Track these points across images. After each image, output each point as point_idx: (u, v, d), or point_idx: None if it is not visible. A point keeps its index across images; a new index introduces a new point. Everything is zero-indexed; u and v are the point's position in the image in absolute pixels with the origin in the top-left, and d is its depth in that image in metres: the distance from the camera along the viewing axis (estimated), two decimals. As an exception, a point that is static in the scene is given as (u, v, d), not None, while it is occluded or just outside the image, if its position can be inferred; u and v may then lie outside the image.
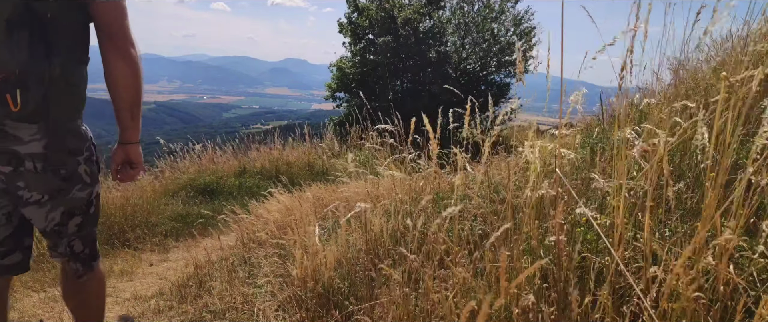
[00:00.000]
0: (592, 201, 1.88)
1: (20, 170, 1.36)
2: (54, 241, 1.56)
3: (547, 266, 1.47)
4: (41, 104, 1.30)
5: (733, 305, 1.12)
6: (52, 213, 1.47)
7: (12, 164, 1.35)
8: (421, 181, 2.67)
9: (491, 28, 14.09)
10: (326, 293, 2.18)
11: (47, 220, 1.48)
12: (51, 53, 1.29)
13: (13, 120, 1.31)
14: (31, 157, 1.36)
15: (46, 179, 1.41)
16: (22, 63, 1.23)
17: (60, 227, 1.51)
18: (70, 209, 1.51)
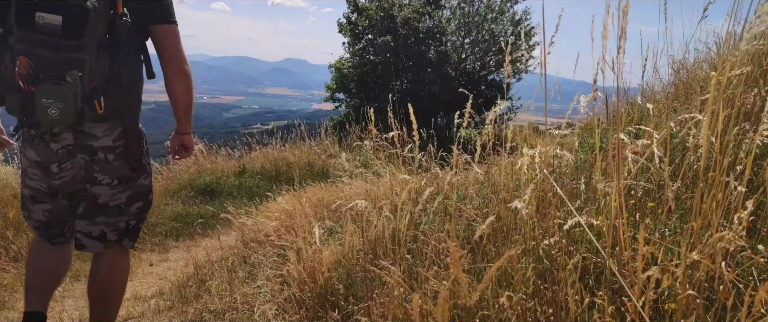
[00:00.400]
0: (591, 202, 1.88)
1: (96, 158, 1.73)
2: (111, 215, 1.84)
3: (544, 267, 1.47)
4: (115, 108, 1.66)
5: (731, 305, 1.12)
6: (120, 194, 1.82)
7: (88, 155, 1.72)
8: (422, 180, 2.67)
9: (491, 28, 14.09)
10: (325, 293, 2.18)
11: (114, 198, 1.81)
12: (123, 68, 1.65)
13: (91, 121, 1.65)
14: (103, 150, 1.72)
15: (117, 167, 1.77)
16: (105, 74, 1.58)
17: (124, 206, 1.84)
18: (136, 194, 1.86)
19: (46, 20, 1.42)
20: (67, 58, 1.47)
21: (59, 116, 1.47)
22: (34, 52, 1.44)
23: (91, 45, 1.50)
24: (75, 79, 1.47)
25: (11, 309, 3.07)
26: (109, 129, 1.71)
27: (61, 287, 3.39)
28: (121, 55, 1.63)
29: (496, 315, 1.42)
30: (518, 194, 1.76)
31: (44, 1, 1.42)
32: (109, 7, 1.55)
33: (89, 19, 1.46)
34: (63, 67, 1.46)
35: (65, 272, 2.04)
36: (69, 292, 3.36)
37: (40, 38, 1.44)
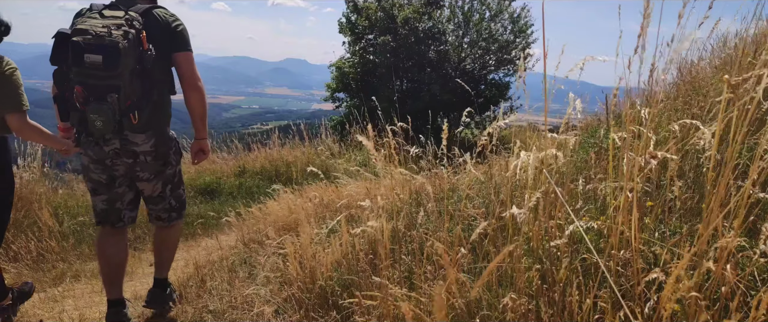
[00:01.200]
0: (592, 202, 1.88)
1: (138, 160, 2.26)
2: (157, 203, 2.47)
3: (546, 268, 1.47)
4: (148, 120, 2.16)
5: (733, 306, 1.12)
6: (157, 185, 2.39)
7: (132, 158, 2.24)
8: (423, 180, 2.67)
9: (489, 27, 14.06)
10: (325, 293, 2.18)
11: (154, 189, 2.40)
12: (152, 88, 2.15)
13: (131, 132, 2.17)
14: (143, 154, 2.25)
15: (154, 166, 2.31)
16: (138, 94, 2.08)
17: (162, 192, 2.43)
18: (166, 181, 2.42)
19: (91, 59, 1.91)
20: (107, 85, 1.98)
21: (103, 126, 2.00)
22: (85, 82, 1.98)
23: (124, 73, 1.98)
24: (113, 100, 1.98)
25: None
26: (147, 138, 2.23)
27: (61, 287, 3.39)
28: (151, 78, 2.12)
29: (496, 316, 1.42)
30: (518, 194, 1.76)
31: (89, 44, 1.90)
32: (138, 44, 2.01)
33: (122, 56, 1.94)
34: (105, 91, 1.98)
35: (126, 258, 2.52)
36: (69, 292, 3.36)
37: (88, 72, 1.94)
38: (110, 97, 1.98)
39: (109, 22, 1.98)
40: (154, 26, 2.13)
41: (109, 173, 2.27)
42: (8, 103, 2.21)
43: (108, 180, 2.29)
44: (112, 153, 2.22)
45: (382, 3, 13.67)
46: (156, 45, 2.10)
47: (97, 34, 1.92)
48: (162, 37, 2.14)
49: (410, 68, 13.92)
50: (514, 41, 14.21)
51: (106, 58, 1.91)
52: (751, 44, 2.57)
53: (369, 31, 14.28)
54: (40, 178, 4.92)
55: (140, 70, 2.05)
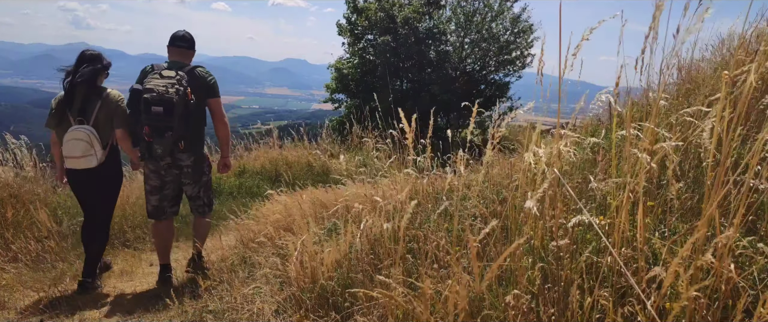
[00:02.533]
0: (591, 201, 1.88)
1: (183, 171, 3.21)
2: (195, 201, 3.41)
3: (547, 267, 1.47)
4: (189, 145, 3.09)
5: (733, 303, 1.12)
6: (195, 188, 3.33)
7: (179, 170, 3.19)
8: (424, 180, 2.67)
9: (490, 28, 14.05)
10: (325, 293, 2.18)
11: (193, 191, 3.34)
12: (191, 123, 3.02)
13: (179, 153, 3.10)
14: (186, 167, 3.20)
15: (193, 175, 3.24)
16: (184, 130, 2.99)
17: (198, 193, 3.37)
18: (201, 186, 3.35)
19: (155, 110, 2.84)
20: (165, 126, 2.90)
21: (162, 152, 3.00)
22: (151, 123, 2.88)
23: (176, 117, 2.90)
24: (169, 136, 2.94)
25: (11, 309, 3.07)
26: (189, 157, 3.18)
27: (61, 287, 3.39)
28: (192, 117, 3.02)
29: (497, 316, 1.41)
30: (518, 194, 1.76)
31: (154, 100, 2.83)
32: (185, 96, 2.93)
33: (175, 106, 2.88)
34: (164, 130, 2.92)
35: (172, 238, 3.51)
36: (69, 292, 3.35)
37: (154, 117, 2.86)
38: (167, 134, 2.92)
39: (166, 81, 2.88)
40: (195, 82, 3.05)
41: (161, 180, 3.23)
42: (120, 122, 3.10)
43: (160, 185, 3.24)
44: (165, 166, 3.17)
45: (382, 3, 13.66)
46: (196, 94, 3.03)
47: (159, 92, 2.84)
48: (200, 89, 3.09)
49: (410, 68, 13.91)
50: (514, 41, 14.20)
51: (165, 109, 2.85)
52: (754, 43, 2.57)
53: (369, 32, 14.28)
54: (39, 178, 4.92)
55: (186, 113, 2.96)
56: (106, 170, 3.08)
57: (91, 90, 2.98)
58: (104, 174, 3.09)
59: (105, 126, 3.04)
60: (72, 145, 2.90)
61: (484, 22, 14.11)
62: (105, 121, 3.04)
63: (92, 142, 2.91)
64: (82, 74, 2.95)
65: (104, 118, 3.03)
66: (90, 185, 3.12)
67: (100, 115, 3.01)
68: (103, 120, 3.03)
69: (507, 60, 14.10)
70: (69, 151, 2.91)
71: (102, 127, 3.03)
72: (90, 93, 2.98)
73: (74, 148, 2.89)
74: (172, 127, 2.88)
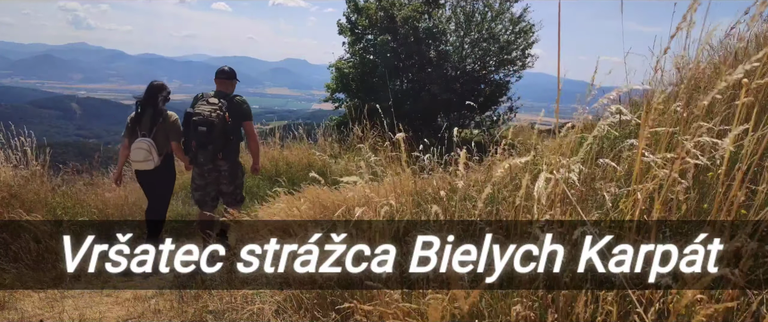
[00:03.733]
0: (599, 206, 1.87)
1: (221, 175, 4.00)
2: (228, 197, 4.10)
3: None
4: (226, 155, 3.89)
5: (739, 306, 1.11)
6: (230, 187, 4.06)
7: (218, 173, 3.99)
8: (424, 181, 2.66)
9: (490, 28, 14.01)
10: (324, 293, 2.17)
11: (228, 189, 4.06)
12: (229, 139, 3.85)
13: (218, 161, 3.90)
14: (224, 171, 3.99)
15: (229, 178, 4.02)
16: (223, 144, 3.83)
17: (232, 191, 4.08)
18: (235, 186, 4.09)
19: (200, 129, 3.68)
20: (207, 141, 3.73)
21: (204, 161, 3.87)
22: (197, 139, 3.74)
23: (216, 135, 3.72)
24: (210, 149, 3.78)
25: (11, 309, 3.06)
26: (226, 164, 3.96)
27: (61, 287, 3.39)
28: (230, 135, 3.83)
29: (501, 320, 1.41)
30: (529, 201, 1.75)
31: (200, 121, 3.68)
32: (224, 119, 3.72)
33: (216, 126, 3.69)
34: (207, 144, 3.75)
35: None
36: (69, 292, 3.35)
37: (199, 135, 3.70)
38: (209, 147, 3.79)
39: (210, 108, 3.74)
40: (233, 108, 3.86)
41: (205, 180, 4.06)
42: (174, 137, 3.96)
43: (204, 184, 4.07)
44: (207, 170, 4.00)
45: (382, 2, 13.64)
46: (233, 117, 3.82)
47: (204, 116, 3.71)
48: (237, 114, 3.87)
49: (410, 68, 13.89)
50: (514, 42, 14.16)
51: (208, 129, 3.70)
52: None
53: (369, 31, 14.25)
54: (39, 178, 4.92)
55: (224, 131, 3.77)
56: (161, 171, 3.97)
57: (155, 112, 3.89)
58: (160, 174, 3.99)
59: (162, 139, 3.92)
60: (136, 152, 3.81)
61: (484, 21, 14.08)
62: (162, 136, 3.92)
63: (151, 151, 3.80)
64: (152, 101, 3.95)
65: (162, 134, 3.91)
66: (150, 181, 4.06)
67: (159, 131, 3.89)
68: (161, 135, 3.91)
69: (507, 60, 14.06)
70: (134, 157, 3.83)
71: (160, 140, 3.90)
72: (154, 114, 3.88)
73: (138, 155, 3.79)
74: (212, 142, 3.76)
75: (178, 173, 7.50)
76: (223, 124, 3.69)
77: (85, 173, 6.08)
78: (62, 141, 51.25)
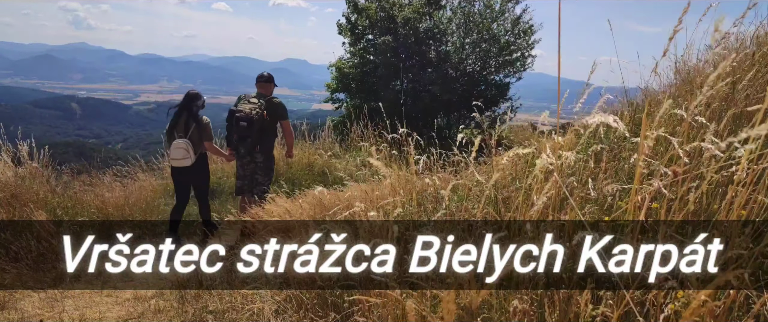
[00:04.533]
0: (596, 204, 1.87)
1: (257, 166, 4.59)
2: (260, 185, 4.58)
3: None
4: (263, 149, 4.50)
5: (740, 306, 1.11)
6: (263, 178, 4.62)
7: (254, 164, 4.58)
8: (424, 181, 2.66)
9: (491, 28, 14.00)
10: (325, 293, 2.17)
11: (263, 179, 4.61)
12: (264, 134, 4.46)
13: (255, 153, 4.52)
14: (259, 163, 4.57)
15: (264, 169, 4.60)
16: (259, 138, 4.44)
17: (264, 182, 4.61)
18: (268, 178, 4.66)
19: (241, 124, 4.30)
20: (247, 135, 4.34)
21: (244, 153, 4.51)
22: (239, 133, 4.34)
23: (254, 130, 4.33)
24: (249, 142, 4.39)
25: (11, 309, 3.06)
26: (262, 156, 4.49)
27: (61, 287, 3.39)
28: (266, 130, 4.43)
29: (498, 318, 1.41)
30: (523, 198, 1.75)
31: (242, 117, 4.29)
32: (262, 116, 4.31)
33: (255, 122, 4.30)
34: (246, 137, 4.36)
35: (248, 205, 4.45)
36: (69, 292, 3.35)
37: (240, 129, 4.31)
38: (248, 140, 4.37)
39: (251, 106, 4.37)
40: (270, 107, 4.45)
41: (244, 169, 4.61)
42: (207, 137, 4.45)
43: (243, 173, 4.63)
44: (246, 161, 4.57)
45: (382, 3, 13.64)
46: (270, 115, 4.42)
47: (245, 113, 4.31)
48: (273, 113, 4.47)
49: (410, 68, 13.89)
50: (515, 42, 14.16)
51: (247, 124, 4.29)
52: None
53: (369, 31, 14.26)
54: (39, 177, 4.92)
55: (261, 127, 4.36)
56: (196, 168, 4.45)
57: (190, 117, 4.40)
58: (195, 171, 4.47)
59: (197, 140, 4.41)
60: (176, 151, 4.31)
61: (484, 22, 14.07)
62: (197, 137, 4.42)
63: (188, 149, 4.30)
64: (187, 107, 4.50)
65: (197, 136, 4.41)
66: (186, 177, 4.56)
67: (194, 133, 4.39)
68: (196, 137, 4.41)
69: (507, 61, 14.06)
70: (174, 155, 4.34)
71: (195, 141, 4.39)
72: (188, 119, 4.39)
73: (177, 153, 4.32)
74: (251, 136, 4.33)
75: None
76: (261, 120, 4.31)
77: (85, 173, 6.08)
78: (62, 141, 51.19)
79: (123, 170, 6.39)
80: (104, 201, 4.94)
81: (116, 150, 48.96)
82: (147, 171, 6.77)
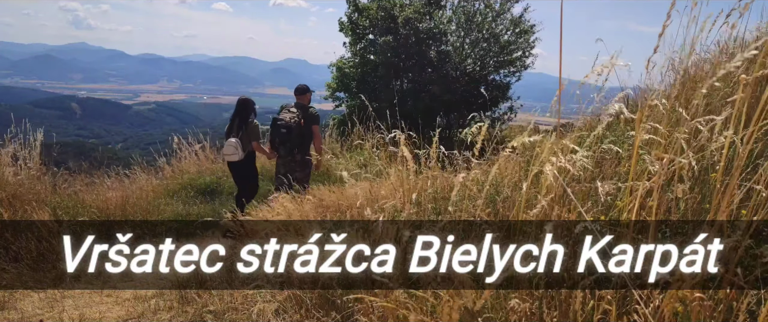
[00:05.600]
0: (596, 204, 1.87)
1: (296, 165, 5.09)
2: (299, 182, 4.70)
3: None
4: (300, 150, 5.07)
5: (737, 305, 1.11)
6: (302, 174, 5.06)
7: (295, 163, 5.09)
8: (426, 181, 2.66)
9: (491, 28, 13.99)
10: (325, 293, 2.17)
11: (301, 176, 5.01)
12: (304, 138, 5.10)
13: (295, 154, 5.08)
14: (297, 162, 5.10)
15: (301, 167, 5.11)
16: (298, 142, 5.06)
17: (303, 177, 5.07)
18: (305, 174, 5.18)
19: (281, 131, 4.97)
20: (286, 139, 4.98)
21: (285, 154, 5.06)
22: (281, 138, 5.00)
23: (293, 135, 4.96)
24: (288, 145, 5.01)
25: (11, 309, 3.06)
26: (299, 156, 5.02)
27: (61, 287, 3.40)
28: (303, 135, 5.03)
29: (499, 318, 1.41)
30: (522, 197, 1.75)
31: (282, 125, 4.95)
32: (298, 124, 4.96)
33: (293, 129, 4.96)
34: (286, 141, 4.99)
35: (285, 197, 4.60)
36: (69, 292, 3.36)
37: (281, 135, 4.98)
38: (287, 144, 4.96)
39: (290, 115, 4.97)
40: (306, 114, 5.06)
41: (285, 169, 5.02)
42: (254, 137, 5.15)
43: (284, 171, 4.97)
44: (287, 161, 5.07)
45: (382, 3, 13.64)
46: (305, 122, 5.02)
47: (285, 121, 4.92)
48: (308, 120, 5.06)
49: (411, 68, 13.89)
50: (515, 42, 14.14)
51: (287, 131, 4.91)
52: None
53: (370, 31, 14.26)
54: (39, 177, 4.92)
55: (299, 133, 4.97)
56: (245, 163, 5.24)
57: (242, 121, 5.18)
58: (243, 165, 5.25)
59: (245, 141, 5.15)
60: (227, 148, 5.11)
61: (484, 22, 14.06)
62: (246, 138, 5.16)
63: (237, 147, 5.06)
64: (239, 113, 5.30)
65: (246, 136, 5.17)
66: (237, 170, 5.31)
67: (243, 134, 5.16)
68: (245, 137, 5.16)
69: (508, 60, 14.05)
70: (226, 151, 5.14)
71: (244, 141, 5.14)
72: (241, 123, 5.18)
73: (228, 149, 5.09)
74: (290, 140, 5.01)
75: (179, 175, 7.52)
76: (298, 127, 5.03)
77: (85, 173, 6.09)
78: (62, 141, 51.03)
79: (123, 171, 6.41)
80: (105, 201, 4.94)
81: (116, 150, 48.93)
82: (147, 171, 6.78)
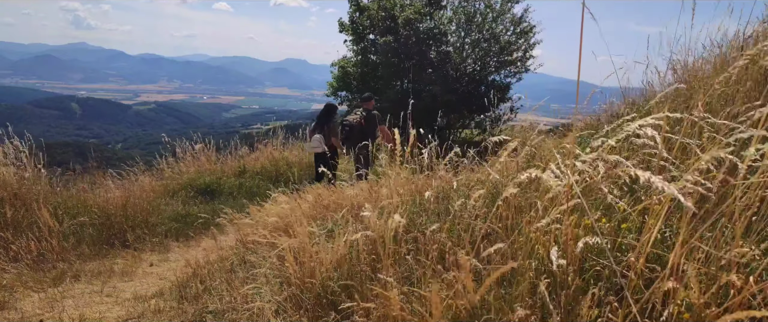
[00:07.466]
0: (596, 207, 1.87)
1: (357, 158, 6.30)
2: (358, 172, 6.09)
3: (555, 274, 1.46)
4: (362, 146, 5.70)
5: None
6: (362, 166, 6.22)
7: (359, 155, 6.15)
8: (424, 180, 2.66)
9: (492, 28, 13.98)
10: (324, 293, 2.17)
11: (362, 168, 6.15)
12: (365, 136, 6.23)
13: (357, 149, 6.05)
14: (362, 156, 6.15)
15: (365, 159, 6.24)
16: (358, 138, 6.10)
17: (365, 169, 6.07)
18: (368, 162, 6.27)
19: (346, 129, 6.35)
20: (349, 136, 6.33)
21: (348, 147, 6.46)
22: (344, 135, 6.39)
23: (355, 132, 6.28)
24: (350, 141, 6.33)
25: (11, 309, 3.07)
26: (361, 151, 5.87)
27: (61, 287, 3.40)
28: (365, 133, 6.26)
29: (499, 319, 1.41)
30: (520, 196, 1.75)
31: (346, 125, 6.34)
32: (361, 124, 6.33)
33: (355, 128, 6.33)
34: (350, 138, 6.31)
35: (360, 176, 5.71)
36: (69, 292, 3.36)
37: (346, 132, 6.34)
38: (349, 139, 6.18)
39: (354, 117, 6.27)
40: (369, 117, 6.24)
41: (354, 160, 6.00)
42: (333, 134, 6.35)
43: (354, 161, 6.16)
44: (353, 153, 6.03)
45: (383, 3, 13.65)
46: (369, 123, 6.25)
47: (349, 122, 6.28)
48: (371, 120, 6.24)
49: (411, 68, 13.90)
50: (515, 42, 14.13)
51: (349, 129, 6.23)
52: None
53: (370, 31, 14.28)
54: (39, 177, 4.92)
55: (360, 131, 6.17)
56: (325, 155, 6.28)
57: (326, 122, 6.36)
58: (324, 156, 6.27)
59: (328, 136, 6.32)
60: (313, 142, 6.28)
61: (485, 22, 14.05)
62: (328, 134, 6.33)
63: (321, 142, 6.24)
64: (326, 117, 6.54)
65: (328, 132, 6.34)
66: (319, 159, 6.26)
67: (326, 130, 6.34)
68: (328, 133, 6.34)
69: (508, 61, 14.04)
70: (313, 145, 6.30)
71: (327, 136, 6.32)
72: (324, 123, 6.35)
73: (314, 143, 6.27)
74: (353, 137, 6.03)
75: (178, 175, 7.56)
76: (360, 127, 6.18)
77: (86, 173, 6.09)
78: (62, 141, 51.15)
79: (123, 171, 6.42)
80: (105, 201, 4.94)
81: (116, 150, 48.56)
82: (147, 171, 6.78)
